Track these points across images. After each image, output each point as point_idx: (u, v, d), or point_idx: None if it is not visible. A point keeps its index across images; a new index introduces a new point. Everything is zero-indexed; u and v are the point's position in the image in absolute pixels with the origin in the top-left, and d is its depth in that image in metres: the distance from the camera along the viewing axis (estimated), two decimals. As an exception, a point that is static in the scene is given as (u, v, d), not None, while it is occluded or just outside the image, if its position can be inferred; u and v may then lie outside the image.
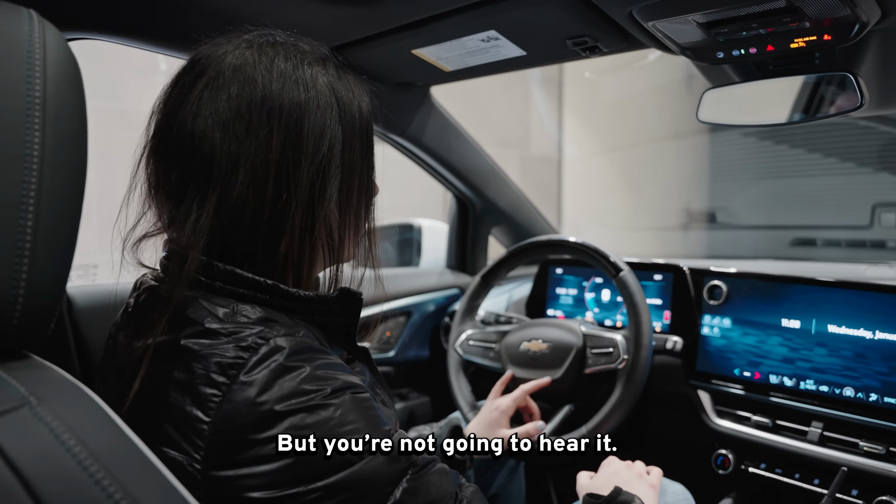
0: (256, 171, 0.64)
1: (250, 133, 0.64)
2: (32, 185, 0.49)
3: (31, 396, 0.47)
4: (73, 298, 1.13)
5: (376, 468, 0.59)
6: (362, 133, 0.72)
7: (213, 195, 0.64)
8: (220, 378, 0.58)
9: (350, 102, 0.71)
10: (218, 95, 0.65)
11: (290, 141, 0.65)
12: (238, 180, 0.64)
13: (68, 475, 0.44)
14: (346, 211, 0.71)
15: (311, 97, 0.67)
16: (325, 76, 0.70)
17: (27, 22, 0.51)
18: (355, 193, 0.72)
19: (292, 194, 0.66)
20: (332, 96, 0.69)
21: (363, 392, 0.63)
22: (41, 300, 0.51)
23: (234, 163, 0.64)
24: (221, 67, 0.66)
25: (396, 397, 1.79)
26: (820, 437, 1.20)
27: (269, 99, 0.65)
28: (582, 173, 4.84)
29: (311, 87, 0.68)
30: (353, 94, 0.72)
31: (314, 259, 0.70)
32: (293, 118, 0.66)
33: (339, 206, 0.70)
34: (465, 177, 1.79)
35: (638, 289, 1.28)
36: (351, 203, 0.72)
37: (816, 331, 1.25)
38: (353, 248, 0.77)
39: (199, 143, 0.65)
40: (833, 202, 3.32)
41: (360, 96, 0.73)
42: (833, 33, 0.89)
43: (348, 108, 0.71)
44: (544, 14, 0.99)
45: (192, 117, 0.65)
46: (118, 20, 0.98)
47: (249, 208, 0.65)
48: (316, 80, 0.68)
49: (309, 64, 0.69)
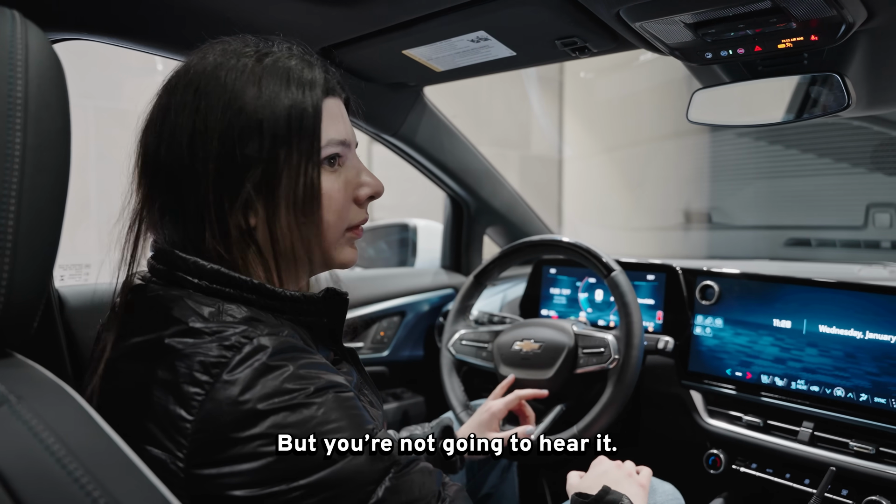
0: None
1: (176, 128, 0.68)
2: (14, 184, 0.49)
3: (11, 395, 0.47)
4: (64, 298, 1.13)
5: (358, 467, 0.59)
6: (284, 127, 0.68)
7: (183, 193, 0.67)
8: (204, 377, 0.58)
9: (271, 99, 0.68)
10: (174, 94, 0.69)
11: (198, 133, 0.67)
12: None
13: (47, 473, 0.44)
14: (273, 208, 0.69)
15: (226, 92, 0.67)
16: (249, 73, 0.68)
17: (9, 22, 0.52)
18: (282, 191, 0.69)
19: (201, 188, 0.67)
20: (248, 91, 0.67)
21: (346, 391, 0.64)
22: (23, 299, 0.51)
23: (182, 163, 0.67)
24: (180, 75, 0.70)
25: (390, 397, 1.80)
26: (810, 436, 1.21)
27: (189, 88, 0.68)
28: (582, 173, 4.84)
29: (229, 84, 0.67)
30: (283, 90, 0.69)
31: (247, 256, 0.70)
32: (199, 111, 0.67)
33: (263, 203, 0.68)
34: (459, 177, 1.80)
35: (629, 289, 1.28)
36: (277, 201, 0.69)
37: (808, 331, 1.25)
38: (302, 247, 0.71)
39: (166, 143, 0.68)
40: (827, 202, 3.32)
41: (291, 92, 0.69)
42: (820, 34, 0.90)
43: (268, 105, 0.68)
44: (532, 15, 0.99)
45: (162, 117, 0.69)
46: (103, 20, 0.98)
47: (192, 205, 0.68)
48: (238, 78, 0.67)
49: (240, 58, 0.69)
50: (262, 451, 0.56)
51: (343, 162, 0.75)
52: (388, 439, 0.64)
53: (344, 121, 0.76)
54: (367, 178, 0.78)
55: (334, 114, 0.74)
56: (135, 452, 0.50)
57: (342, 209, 0.75)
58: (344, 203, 0.75)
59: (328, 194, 0.72)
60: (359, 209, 0.79)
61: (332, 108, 0.73)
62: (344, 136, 0.74)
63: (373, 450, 0.61)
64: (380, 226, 2.46)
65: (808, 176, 3.36)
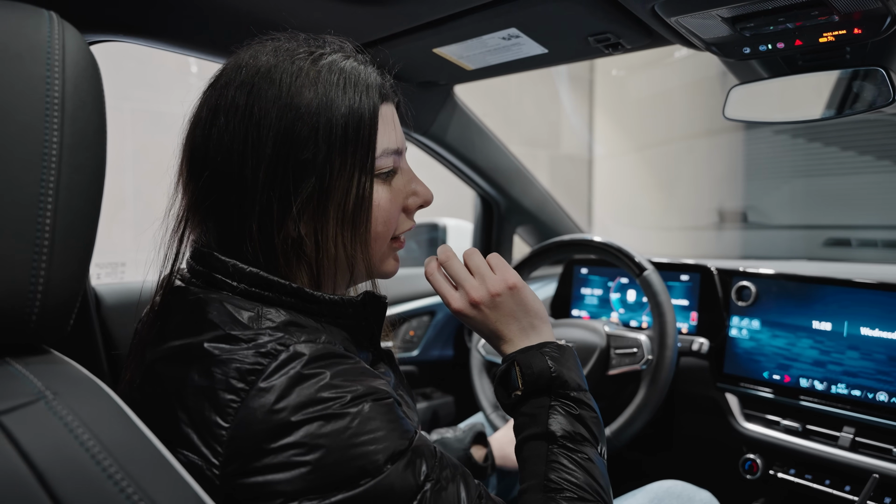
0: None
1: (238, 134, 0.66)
2: (51, 183, 0.50)
3: (48, 391, 0.48)
4: (101, 296, 1.16)
5: (395, 481, 0.58)
6: (341, 136, 0.66)
7: (231, 197, 0.66)
8: (239, 384, 0.57)
9: (328, 105, 0.66)
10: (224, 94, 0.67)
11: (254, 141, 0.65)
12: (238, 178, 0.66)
13: (81, 469, 0.45)
14: (322, 218, 0.67)
15: (282, 94, 0.65)
16: (304, 75, 0.66)
17: (47, 24, 0.53)
18: (333, 202, 0.67)
19: (250, 194, 0.66)
20: (304, 96, 0.66)
21: (386, 398, 0.62)
22: (59, 297, 0.52)
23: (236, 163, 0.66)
24: (229, 74, 0.68)
25: (420, 396, 1.80)
26: (851, 442, 1.17)
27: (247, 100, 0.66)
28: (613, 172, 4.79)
29: (284, 89, 0.65)
30: (338, 94, 0.67)
31: (290, 262, 0.69)
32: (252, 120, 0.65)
33: (312, 212, 0.67)
34: (490, 176, 1.79)
35: (662, 288, 1.26)
36: (327, 211, 0.67)
37: (848, 333, 1.21)
38: (346, 257, 0.69)
39: (216, 144, 0.66)
40: (868, 201, 3.22)
41: (348, 95, 0.67)
42: (863, 27, 0.87)
43: (324, 111, 0.66)
44: (564, 11, 0.98)
45: (211, 118, 0.67)
46: (139, 21, 1.00)
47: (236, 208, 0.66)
48: (294, 81, 0.66)
49: (295, 58, 0.67)
50: (295, 460, 0.55)
51: (396, 170, 0.73)
52: (427, 446, 0.62)
53: (396, 127, 0.73)
54: (418, 187, 0.76)
55: (388, 120, 0.71)
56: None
57: (390, 219, 0.73)
58: (393, 212, 0.73)
59: (378, 205, 0.70)
60: (406, 218, 0.77)
61: (386, 115, 0.71)
62: (398, 145, 0.72)
63: (411, 461, 0.59)
64: (409, 225, 2.46)
65: (848, 174, 3.27)
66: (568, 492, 0.68)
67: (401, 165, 0.74)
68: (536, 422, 0.74)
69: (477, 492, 0.65)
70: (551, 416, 0.73)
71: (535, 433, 0.74)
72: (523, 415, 0.76)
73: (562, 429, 0.72)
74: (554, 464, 0.70)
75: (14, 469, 0.43)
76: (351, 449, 0.56)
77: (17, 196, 0.48)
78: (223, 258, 0.66)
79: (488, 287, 0.79)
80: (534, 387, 0.75)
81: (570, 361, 0.78)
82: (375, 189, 0.70)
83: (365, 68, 0.70)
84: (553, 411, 0.74)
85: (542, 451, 0.72)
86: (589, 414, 0.75)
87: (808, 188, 3.54)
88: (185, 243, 0.72)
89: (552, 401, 0.75)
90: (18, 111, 0.49)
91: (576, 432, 0.73)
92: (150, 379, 0.64)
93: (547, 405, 0.74)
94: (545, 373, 0.75)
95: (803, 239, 3.54)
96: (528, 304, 0.81)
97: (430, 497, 0.59)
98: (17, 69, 0.49)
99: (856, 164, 3.25)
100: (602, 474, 0.73)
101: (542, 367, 0.75)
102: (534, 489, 0.71)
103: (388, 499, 0.57)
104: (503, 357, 0.80)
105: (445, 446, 1.11)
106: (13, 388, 0.48)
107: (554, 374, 0.75)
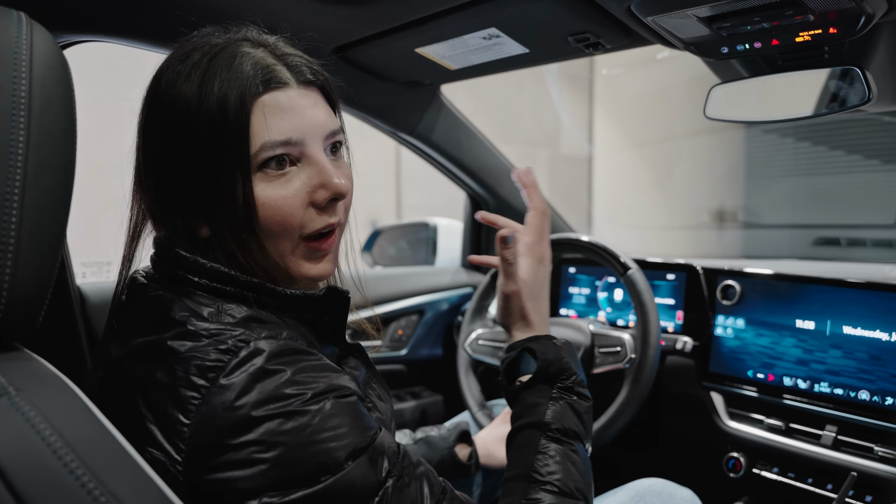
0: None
1: None
2: (17, 182, 0.51)
3: (10, 387, 0.48)
4: (85, 294, 1.16)
5: (356, 478, 0.57)
6: (207, 134, 0.64)
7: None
8: (200, 381, 0.57)
9: (199, 101, 0.64)
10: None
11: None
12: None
13: (42, 464, 0.45)
14: (210, 221, 0.67)
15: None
16: (186, 76, 0.65)
17: (15, 24, 0.53)
18: (214, 203, 0.65)
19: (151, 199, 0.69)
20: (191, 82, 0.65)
21: (348, 396, 0.62)
22: (26, 293, 0.52)
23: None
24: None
25: (408, 395, 1.80)
26: (834, 440, 1.18)
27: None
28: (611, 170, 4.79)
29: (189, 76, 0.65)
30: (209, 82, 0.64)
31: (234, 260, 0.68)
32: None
33: (202, 215, 0.67)
34: (478, 175, 1.79)
35: (645, 287, 1.26)
36: (210, 213, 0.66)
37: (831, 332, 1.22)
38: (250, 260, 0.67)
39: (136, 149, 0.70)
40: (858, 200, 3.22)
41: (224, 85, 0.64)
42: (839, 26, 0.87)
43: (196, 109, 0.64)
44: (543, 11, 0.98)
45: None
46: (114, 22, 1.00)
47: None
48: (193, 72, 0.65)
49: (190, 55, 0.67)
50: (255, 457, 0.55)
51: (297, 161, 0.67)
52: (390, 444, 0.62)
53: (298, 114, 0.66)
54: (327, 178, 0.67)
55: (280, 108, 0.65)
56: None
57: (287, 218, 0.66)
58: (290, 211, 0.66)
59: (268, 204, 0.65)
60: (319, 214, 0.69)
61: (275, 103, 0.65)
62: (288, 135, 0.65)
63: (372, 459, 0.59)
64: (401, 224, 2.47)
65: (838, 173, 3.27)
66: (551, 485, 0.70)
67: (306, 155, 0.67)
68: (536, 411, 0.76)
69: (440, 488, 0.65)
70: (551, 406, 0.76)
71: (531, 422, 0.76)
72: (524, 403, 0.78)
73: (558, 421, 0.74)
74: (542, 455, 0.72)
75: None
76: (311, 446, 0.56)
77: None
78: (184, 254, 0.66)
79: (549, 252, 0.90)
80: (544, 374, 0.78)
81: (574, 355, 0.82)
82: (261, 186, 0.65)
83: (254, 52, 0.66)
84: (554, 402, 0.76)
85: (534, 441, 0.74)
86: (585, 409, 0.78)
87: (798, 187, 3.55)
88: (138, 242, 0.73)
89: (555, 391, 0.77)
90: None
91: (569, 426, 0.75)
92: (116, 376, 0.65)
93: (548, 395, 0.77)
94: (557, 362, 0.78)
95: (794, 238, 3.55)
96: (545, 292, 0.88)
97: (392, 493, 0.59)
98: None
99: (845, 164, 3.26)
100: (586, 471, 0.74)
101: (556, 356, 0.78)
102: (518, 478, 0.73)
103: (349, 495, 0.57)
104: (513, 344, 0.83)
105: (430, 445, 1.11)
106: (-25, 384, 0.48)
107: (565, 365, 0.78)
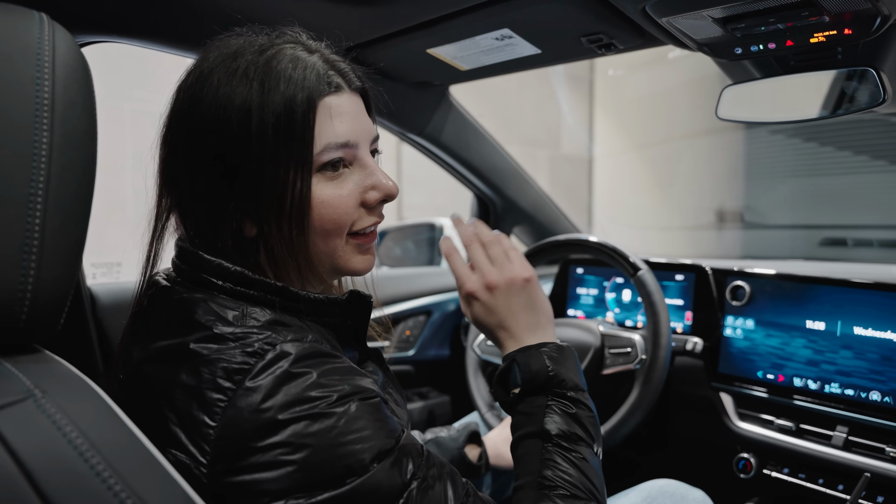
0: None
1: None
2: (41, 184, 0.51)
3: (37, 389, 0.48)
4: (96, 295, 1.16)
5: (381, 480, 0.58)
6: (272, 134, 0.65)
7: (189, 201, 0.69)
8: (227, 383, 0.58)
9: (260, 102, 0.65)
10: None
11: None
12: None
13: (69, 466, 0.45)
14: (263, 220, 0.67)
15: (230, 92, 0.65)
16: (241, 74, 0.65)
17: (37, 25, 0.53)
18: (271, 202, 0.66)
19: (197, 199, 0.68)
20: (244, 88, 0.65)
21: (373, 397, 0.62)
22: (49, 296, 0.52)
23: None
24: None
25: (416, 396, 1.80)
26: (845, 441, 1.17)
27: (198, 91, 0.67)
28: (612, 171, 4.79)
29: (238, 84, 0.65)
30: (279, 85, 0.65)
31: (259, 262, 0.69)
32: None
33: (254, 214, 0.67)
34: (485, 176, 1.79)
35: (656, 288, 1.26)
36: (265, 212, 0.67)
37: (842, 333, 1.22)
38: (299, 257, 0.69)
39: (170, 149, 0.70)
40: (865, 201, 3.22)
41: (290, 86, 0.65)
42: (854, 27, 0.87)
43: (256, 109, 0.64)
44: (557, 11, 0.98)
45: (168, 122, 0.71)
46: (134, 23, 1.00)
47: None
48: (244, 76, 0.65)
49: (238, 57, 0.67)
50: (282, 459, 0.55)
51: (350, 163, 0.70)
52: (414, 445, 0.62)
53: (353, 118, 0.70)
54: (379, 180, 0.72)
55: (340, 112, 0.68)
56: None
57: (342, 216, 0.69)
58: (343, 209, 0.69)
59: (325, 203, 0.68)
60: (367, 214, 0.73)
61: (333, 106, 0.68)
62: (347, 138, 0.68)
63: (397, 460, 0.59)
64: (407, 225, 2.47)
65: (845, 174, 3.27)
66: (561, 489, 0.69)
67: (357, 158, 0.71)
68: (532, 420, 0.75)
69: (464, 490, 0.65)
70: (547, 415, 0.74)
71: (530, 431, 0.74)
72: (520, 413, 0.77)
73: (557, 427, 0.73)
74: (548, 461, 0.71)
75: (2, 467, 0.44)
76: (337, 448, 0.56)
77: (7, 196, 0.49)
78: (208, 257, 0.66)
79: (505, 274, 0.79)
80: (531, 385, 0.76)
81: (568, 361, 0.78)
82: (319, 186, 0.67)
83: (309, 57, 0.68)
84: (549, 410, 0.74)
85: (536, 449, 0.73)
86: (585, 413, 0.76)
87: (804, 188, 3.55)
88: (160, 244, 0.73)
89: (549, 400, 0.75)
90: (8, 112, 0.49)
91: (571, 431, 0.73)
92: (137, 379, 0.65)
93: (543, 404, 0.75)
94: (542, 372, 0.76)
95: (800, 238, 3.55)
96: (538, 301, 0.82)
97: (417, 495, 0.59)
98: (7, 70, 0.50)
99: (852, 164, 3.26)
100: (596, 473, 0.73)
101: (540, 366, 0.76)
102: (528, 486, 0.71)
103: (374, 497, 0.57)
104: (504, 356, 0.81)
105: (440, 445, 1.11)
106: (2, 387, 0.48)
107: (551, 374, 0.76)
